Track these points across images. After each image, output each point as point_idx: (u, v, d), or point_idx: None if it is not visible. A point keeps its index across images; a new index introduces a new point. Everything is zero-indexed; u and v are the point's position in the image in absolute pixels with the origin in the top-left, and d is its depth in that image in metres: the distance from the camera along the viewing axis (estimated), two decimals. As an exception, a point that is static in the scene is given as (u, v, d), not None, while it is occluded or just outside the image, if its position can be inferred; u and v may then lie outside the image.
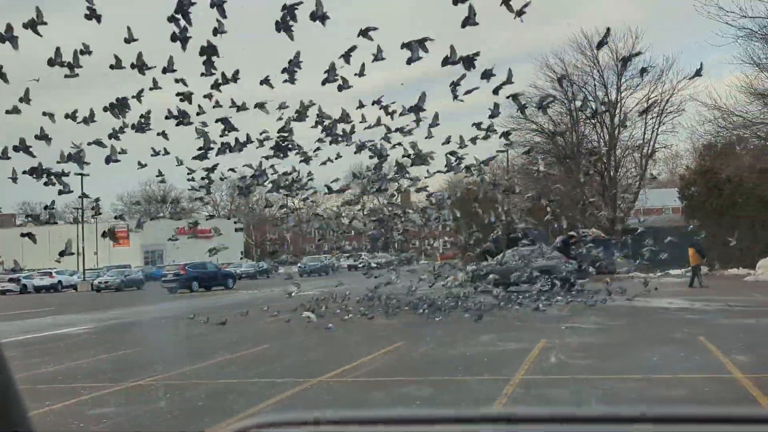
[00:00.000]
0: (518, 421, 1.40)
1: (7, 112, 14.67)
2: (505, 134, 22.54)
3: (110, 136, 17.09)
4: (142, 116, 17.27)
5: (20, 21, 12.22)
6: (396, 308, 22.39)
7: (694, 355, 12.82)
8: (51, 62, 13.88)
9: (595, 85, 47.76)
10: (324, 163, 21.93)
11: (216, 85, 16.42)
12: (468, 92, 16.55)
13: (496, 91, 16.49)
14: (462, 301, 22.79)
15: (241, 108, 17.88)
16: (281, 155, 20.85)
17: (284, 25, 12.64)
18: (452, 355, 14.06)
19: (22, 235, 16.89)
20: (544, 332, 16.63)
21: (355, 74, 15.46)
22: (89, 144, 16.77)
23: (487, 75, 15.70)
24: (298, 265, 64.16)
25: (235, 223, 40.98)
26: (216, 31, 13.17)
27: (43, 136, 15.13)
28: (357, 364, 13.26)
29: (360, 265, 67.23)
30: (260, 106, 17.88)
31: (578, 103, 47.97)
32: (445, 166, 20.99)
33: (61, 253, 17.02)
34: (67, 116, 16.03)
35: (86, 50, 14.16)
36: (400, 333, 17.95)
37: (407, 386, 11.12)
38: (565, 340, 15.33)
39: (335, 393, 10.84)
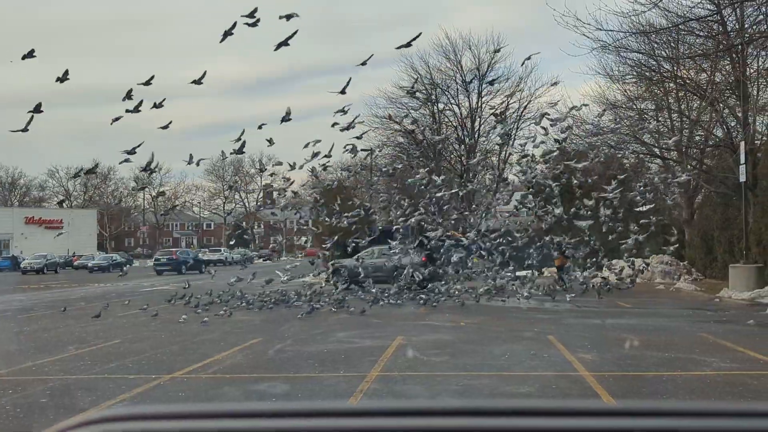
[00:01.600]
0: (364, 415, 1.37)
1: None
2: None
3: None
4: None
5: None
6: (255, 304, 22.33)
7: (544, 353, 13.26)
8: None
9: (457, 89, 48.79)
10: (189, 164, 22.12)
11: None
12: None
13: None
14: (320, 297, 22.91)
15: None
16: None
17: None
18: (309, 351, 14.01)
19: None
20: (400, 329, 16.85)
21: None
22: None
23: None
24: (154, 258, 62.45)
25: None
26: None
27: None
28: (212, 360, 13.03)
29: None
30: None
31: (441, 106, 48.99)
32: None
33: None
34: None
35: None
36: (258, 329, 17.78)
37: (262, 383, 11.00)
38: (421, 338, 15.57)
39: (188, 389, 10.59)
